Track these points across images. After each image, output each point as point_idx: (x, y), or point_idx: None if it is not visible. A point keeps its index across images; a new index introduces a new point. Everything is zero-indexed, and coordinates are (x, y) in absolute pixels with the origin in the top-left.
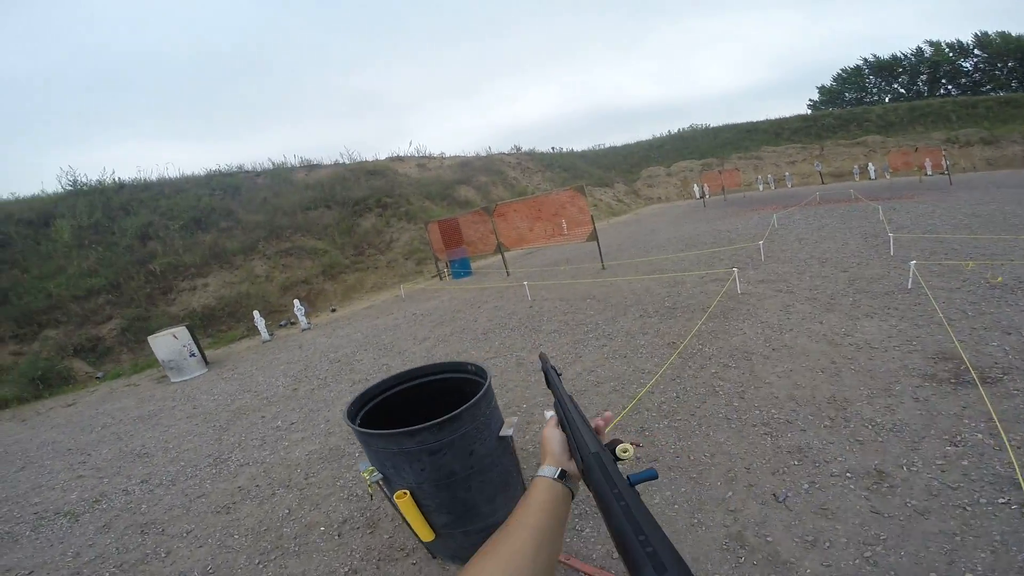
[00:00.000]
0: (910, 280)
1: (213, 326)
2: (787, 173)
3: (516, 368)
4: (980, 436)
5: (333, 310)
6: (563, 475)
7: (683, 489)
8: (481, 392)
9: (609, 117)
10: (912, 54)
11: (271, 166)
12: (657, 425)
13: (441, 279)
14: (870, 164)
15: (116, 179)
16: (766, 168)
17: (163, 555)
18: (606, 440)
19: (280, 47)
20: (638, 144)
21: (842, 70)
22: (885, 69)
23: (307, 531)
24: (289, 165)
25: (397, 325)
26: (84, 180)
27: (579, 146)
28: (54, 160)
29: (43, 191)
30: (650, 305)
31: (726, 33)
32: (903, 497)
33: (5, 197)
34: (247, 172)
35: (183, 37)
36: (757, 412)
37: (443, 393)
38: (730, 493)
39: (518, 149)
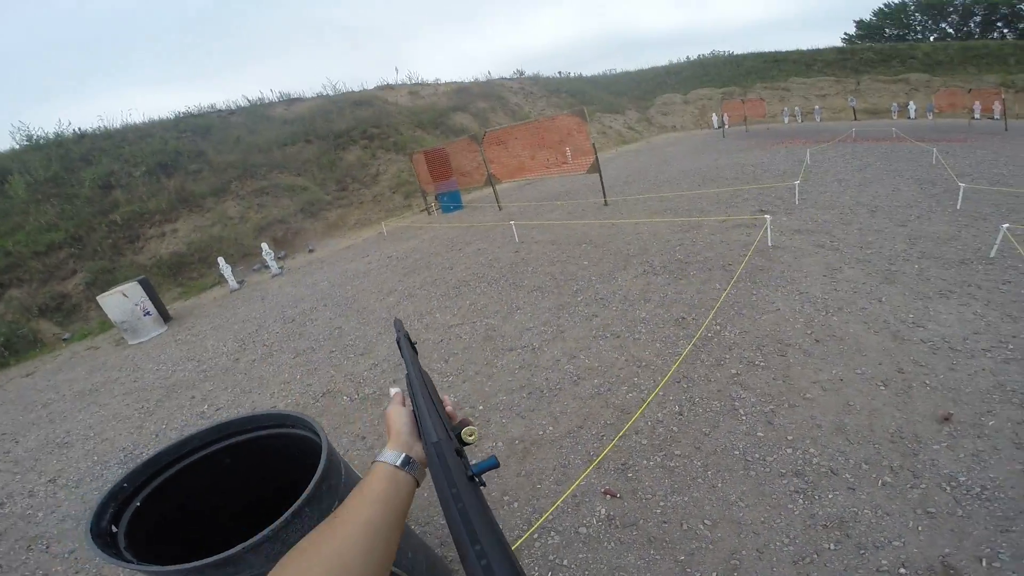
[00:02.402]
0: (995, 248)
1: (184, 274)
2: (817, 107)
3: (483, 344)
4: None
5: (311, 250)
6: (408, 461)
7: None
8: (309, 488)
9: (625, 44)
10: None
11: (247, 103)
12: (646, 462)
13: (429, 214)
14: (911, 103)
15: (76, 130)
16: (793, 100)
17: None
18: (456, 420)
19: None
20: (653, 70)
21: (885, 5)
22: (934, 7)
23: None
24: (267, 101)
25: (368, 271)
26: (40, 134)
27: (589, 72)
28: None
29: None
30: (657, 256)
31: None
32: None
33: None
34: (220, 112)
35: None
36: (789, 451)
37: (268, 453)
38: None
39: (521, 74)
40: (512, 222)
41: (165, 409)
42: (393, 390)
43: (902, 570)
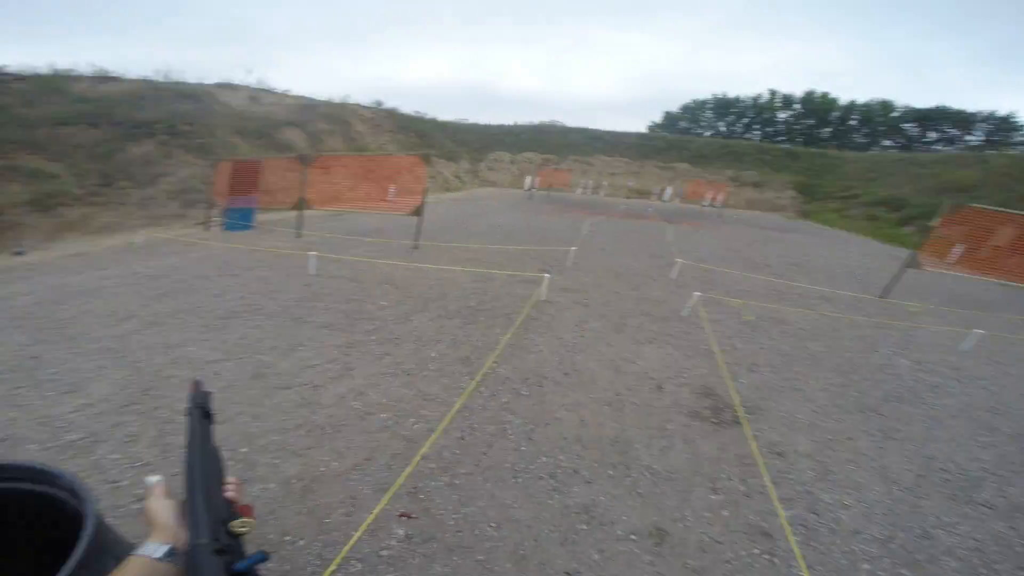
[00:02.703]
0: (687, 309)
1: None
2: (604, 183)
3: (250, 383)
4: (733, 482)
5: (17, 252)
6: (172, 553)
7: None
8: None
9: (484, 97)
10: (752, 98)
11: (50, 72)
12: (435, 483)
13: (206, 229)
14: (668, 188)
15: None
16: (592, 174)
17: None
18: (237, 505)
19: None
20: (497, 127)
21: (692, 100)
22: (723, 106)
23: None
24: (75, 74)
25: (100, 289)
26: None
27: (445, 116)
28: None
29: None
30: (453, 302)
31: (615, 46)
32: (681, 557)
33: None
34: (4, 75)
35: None
36: (544, 460)
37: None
38: None
39: (379, 104)
40: (311, 252)
41: None
42: (152, 479)
43: (633, 536)
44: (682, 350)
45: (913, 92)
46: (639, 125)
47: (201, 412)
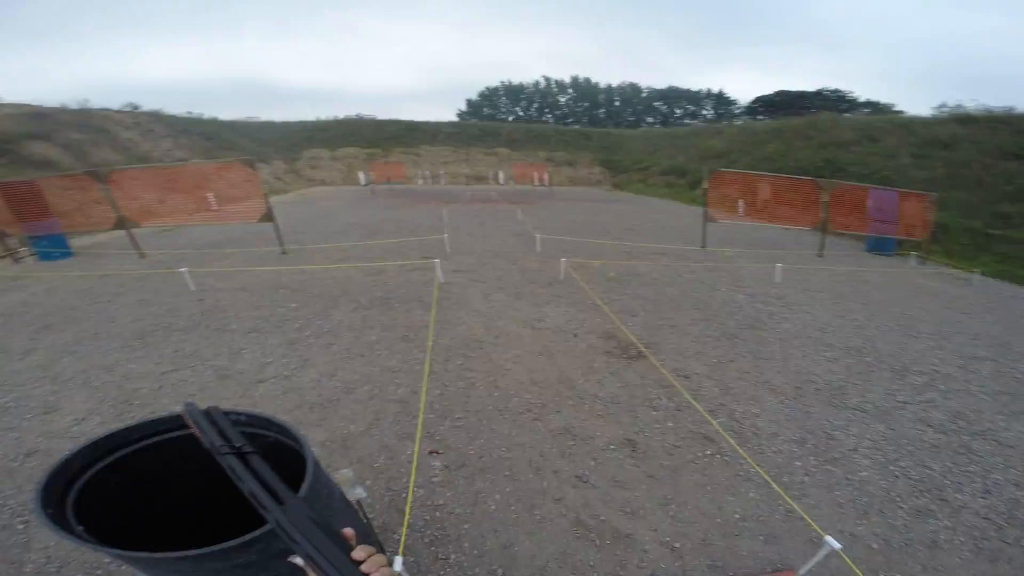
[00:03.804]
0: (562, 273)
1: None
2: (441, 171)
3: (220, 383)
4: (663, 400)
5: None
6: None
7: (508, 489)
8: (309, 473)
9: (265, 93)
10: (533, 84)
11: None
12: (442, 427)
13: (16, 261)
14: (500, 172)
15: None
16: (424, 164)
17: None
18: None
19: None
20: (301, 124)
21: (486, 88)
22: (514, 93)
23: None
24: None
25: None
26: None
27: (226, 115)
28: None
29: None
30: (361, 296)
31: (392, 36)
32: (656, 459)
33: None
34: None
35: None
36: (516, 400)
37: (178, 457)
38: (545, 483)
39: (135, 108)
40: (183, 269)
41: None
42: (297, 560)
43: (612, 447)
44: (574, 306)
45: (650, 76)
46: (447, 114)
47: (239, 456)
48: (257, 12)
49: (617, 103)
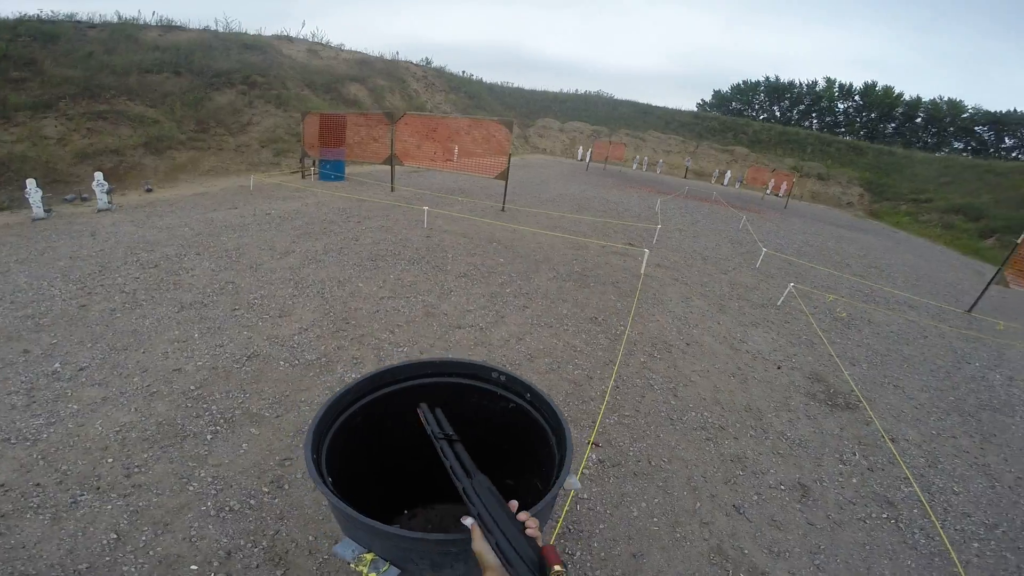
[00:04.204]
0: (782, 299)
1: None
2: (660, 160)
3: (426, 319)
4: (857, 457)
5: (148, 190)
6: None
7: (656, 500)
8: (563, 462)
9: (519, 59)
10: (806, 84)
11: (117, 20)
12: (608, 420)
13: (303, 177)
14: (728, 171)
15: None
16: (645, 150)
17: None
18: (541, 545)
19: None
20: (543, 93)
21: (743, 82)
22: (776, 91)
23: (169, 573)
24: (142, 22)
25: (244, 224)
26: None
27: (487, 77)
28: None
29: None
30: (560, 265)
31: (649, 14)
32: (823, 510)
33: None
34: (78, 22)
35: None
36: (693, 414)
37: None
38: (698, 504)
39: (428, 62)
40: (426, 208)
41: None
42: (467, 521)
43: (781, 487)
44: (786, 337)
45: (981, 93)
46: (686, 102)
47: (448, 441)
48: None
49: (919, 119)
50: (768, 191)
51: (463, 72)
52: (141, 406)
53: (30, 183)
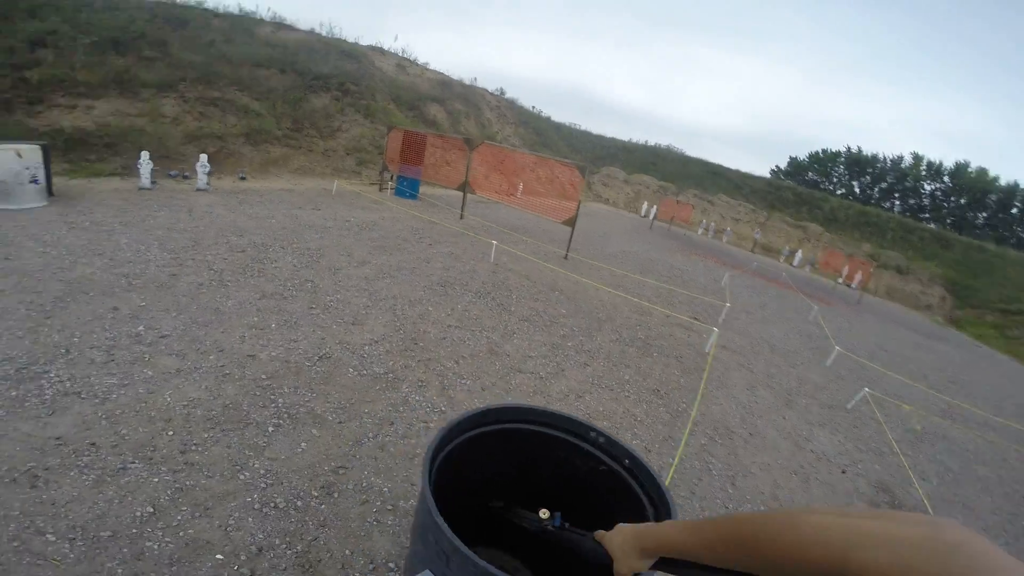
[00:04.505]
0: (852, 403)
1: (79, 153)
2: (728, 228)
3: (489, 357)
4: None
5: (242, 177)
6: None
7: None
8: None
9: (587, 102)
10: (890, 159)
11: (237, 13)
12: None
13: (380, 190)
14: (799, 251)
15: None
16: (713, 214)
17: None
18: None
19: None
20: (611, 140)
21: (821, 151)
22: (857, 164)
23: (192, 557)
24: (257, 16)
25: (326, 227)
26: None
27: (555, 115)
28: None
29: None
30: (624, 329)
31: (725, 70)
32: None
33: None
34: (205, 10)
35: None
36: (750, 507)
37: (505, 445)
38: None
39: (502, 92)
40: (493, 242)
41: (72, 315)
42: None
43: None
44: (853, 442)
45: None
46: (759, 166)
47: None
48: (609, 25)
49: (1016, 210)
50: (841, 279)
51: (532, 107)
52: (212, 385)
53: (144, 155)
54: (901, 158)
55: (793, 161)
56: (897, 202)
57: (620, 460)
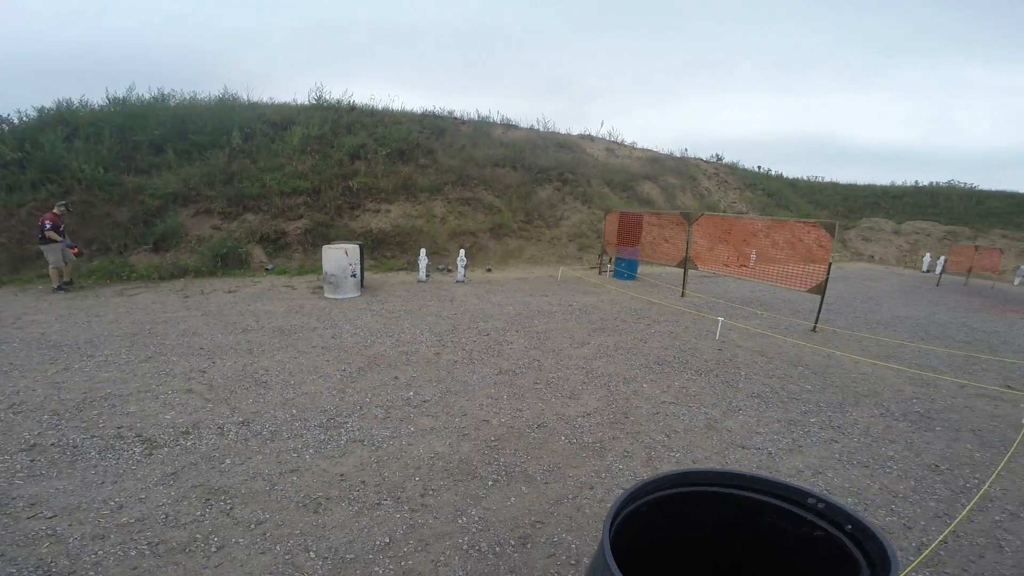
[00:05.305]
0: None
1: (380, 250)
2: None
3: (706, 432)
4: None
5: (488, 270)
6: None
7: None
8: None
9: (827, 150)
10: None
11: (476, 117)
12: (920, 574)
13: (600, 273)
14: None
15: (351, 102)
16: None
17: (211, 550)
18: None
19: (494, 18)
20: (867, 187)
21: None
22: None
23: None
24: (491, 120)
25: (551, 312)
26: (327, 97)
27: (788, 172)
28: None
29: (294, 100)
30: (892, 403)
31: (1001, 84)
32: None
33: (265, 100)
34: (455, 118)
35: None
36: None
37: (707, 510)
38: None
39: (719, 158)
40: (720, 318)
41: (368, 381)
42: None
43: None
44: None
45: None
46: None
47: None
48: (825, 69)
49: None
50: None
51: (758, 168)
52: (453, 442)
53: (422, 252)
54: None
55: None
56: None
57: (841, 526)
